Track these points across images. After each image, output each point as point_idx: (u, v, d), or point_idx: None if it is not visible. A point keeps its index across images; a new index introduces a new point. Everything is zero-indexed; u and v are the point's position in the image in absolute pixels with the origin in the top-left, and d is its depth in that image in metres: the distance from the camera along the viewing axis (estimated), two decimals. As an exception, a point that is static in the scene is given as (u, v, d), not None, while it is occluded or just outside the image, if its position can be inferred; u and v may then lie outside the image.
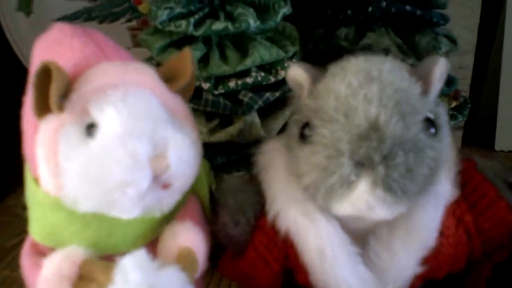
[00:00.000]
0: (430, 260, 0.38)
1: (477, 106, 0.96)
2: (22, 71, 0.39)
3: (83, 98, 0.34)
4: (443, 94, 0.62)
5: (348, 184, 0.33)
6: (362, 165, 0.33)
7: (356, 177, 0.33)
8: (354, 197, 0.34)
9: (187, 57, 0.37)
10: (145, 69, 0.37)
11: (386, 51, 0.59)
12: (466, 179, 0.40)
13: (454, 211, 0.39)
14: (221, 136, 0.53)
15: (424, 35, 0.62)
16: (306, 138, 0.36)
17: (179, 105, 0.37)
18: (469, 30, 0.95)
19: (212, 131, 0.54)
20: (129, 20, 0.90)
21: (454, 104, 0.64)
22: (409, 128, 0.33)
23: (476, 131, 0.89)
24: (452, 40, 0.65)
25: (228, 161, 0.53)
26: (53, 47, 0.37)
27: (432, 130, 0.36)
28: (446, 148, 0.37)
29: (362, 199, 0.33)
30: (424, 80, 0.37)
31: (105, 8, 0.90)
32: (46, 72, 0.33)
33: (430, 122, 0.36)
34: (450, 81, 0.63)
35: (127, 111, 0.33)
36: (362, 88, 0.34)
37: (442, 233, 0.38)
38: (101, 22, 0.91)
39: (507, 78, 0.87)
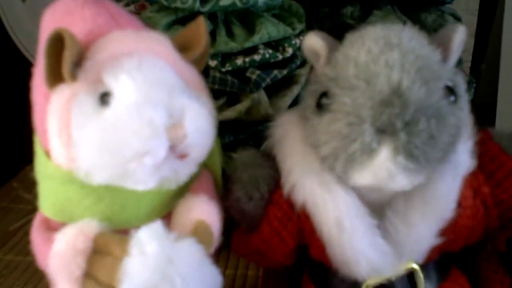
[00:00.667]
0: (447, 231, 0.38)
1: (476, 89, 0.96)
2: (17, 55, 0.38)
3: (96, 66, 0.33)
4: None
5: (369, 152, 0.33)
6: (384, 131, 0.32)
7: (377, 144, 0.32)
8: (375, 165, 0.33)
9: (202, 26, 0.37)
10: (160, 38, 0.36)
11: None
12: (483, 149, 0.40)
13: (471, 182, 0.39)
14: (229, 114, 0.53)
15: (430, 13, 0.62)
16: (324, 107, 0.35)
17: (194, 75, 0.37)
18: (469, 13, 0.95)
19: (219, 109, 0.53)
20: (127, 5, 0.89)
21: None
22: (432, 94, 0.33)
23: (475, 115, 0.89)
24: (458, 19, 0.65)
25: (236, 139, 0.53)
26: (64, 17, 0.36)
27: (452, 98, 0.35)
28: (465, 117, 0.37)
29: (384, 167, 0.33)
30: (443, 47, 0.36)
31: (103, -8, 0.89)
32: (58, 40, 0.32)
33: (450, 90, 0.35)
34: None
35: (142, 79, 0.32)
36: (383, 54, 0.34)
37: (460, 204, 0.38)
38: (98, 6, 0.90)
39: (507, 63, 0.87)
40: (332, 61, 0.36)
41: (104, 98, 0.33)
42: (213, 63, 0.52)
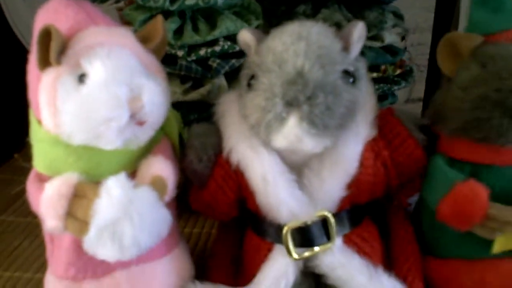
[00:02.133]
0: (352, 186, 0.48)
1: (437, 79, 1.05)
2: (19, 46, 0.47)
3: (76, 54, 0.43)
4: (388, 62, 0.72)
5: (281, 120, 0.43)
6: (291, 104, 0.42)
7: (286, 114, 0.42)
8: (286, 130, 0.43)
9: (159, 22, 0.47)
10: (126, 32, 0.46)
11: (337, 25, 0.69)
12: (384, 122, 0.50)
13: (373, 147, 0.49)
14: (193, 96, 0.63)
15: (372, 10, 0.71)
16: (251, 87, 0.45)
17: (153, 61, 0.47)
18: (427, 9, 1.04)
19: (185, 92, 0.63)
20: (117, 1, 0.98)
21: (398, 71, 0.73)
22: (328, 75, 0.43)
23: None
24: (399, 16, 0.75)
25: (199, 117, 0.63)
26: (52, 14, 0.46)
27: (351, 80, 0.45)
28: (362, 95, 0.47)
29: (292, 132, 0.43)
30: (346, 40, 0.46)
31: (95, -9, 0.99)
32: (47, 33, 0.42)
33: (349, 73, 0.45)
34: (394, 52, 0.73)
35: (111, 63, 0.43)
36: (293, 44, 0.44)
37: (361, 164, 0.48)
38: (92, 2, 0.99)
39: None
40: (259, 50, 0.47)
41: (82, 78, 0.43)
42: (180, 53, 0.63)
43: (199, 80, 0.65)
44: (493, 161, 0.47)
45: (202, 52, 0.63)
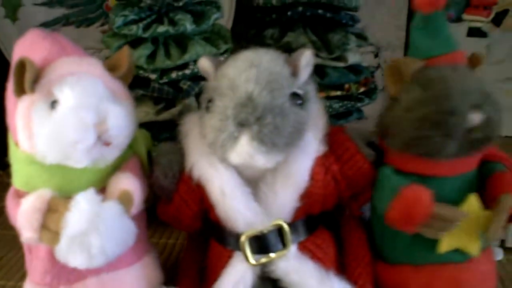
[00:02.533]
0: (304, 198, 0.52)
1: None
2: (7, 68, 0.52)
3: (48, 82, 0.48)
4: (352, 81, 0.77)
5: (234, 139, 0.48)
6: (242, 125, 0.47)
7: (238, 134, 0.47)
8: (238, 148, 0.48)
9: (125, 53, 0.52)
10: (94, 61, 0.51)
11: (302, 47, 0.73)
12: (334, 139, 0.55)
13: (323, 162, 0.53)
14: (165, 116, 0.68)
15: (336, 33, 0.76)
16: (209, 109, 0.50)
17: (119, 88, 0.52)
18: (399, 28, 1.10)
19: (158, 112, 0.68)
20: (102, 25, 1.04)
21: (362, 89, 0.78)
22: (276, 99, 0.47)
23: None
24: (363, 37, 0.80)
25: (171, 136, 0.68)
26: (29, 46, 0.51)
27: (299, 102, 0.50)
28: (311, 115, 0.51)
29: (244, 150, 0.48)
30: (294, 66, 0.51)
31: (81, 15, 1.04)
32: (22, 65, 0.47)
33: (297, 96, 0.50)
34: (358, 71, 0.78)
35: (79, 91, 0.47)
36: (245, 71, 0.48)
37: (312, 178, 0.52)
38: (78, 26, 1.05)
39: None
40: (216, 76, 0.52)
41: (53, 104, 0.47)
42: (153, 76, 0.68)
43: (171, 101, 0.70)
44: (433, 173, 0.51)
45: (173, 75, 0.68)
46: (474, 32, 0.76)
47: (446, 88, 0.48)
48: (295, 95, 0.50)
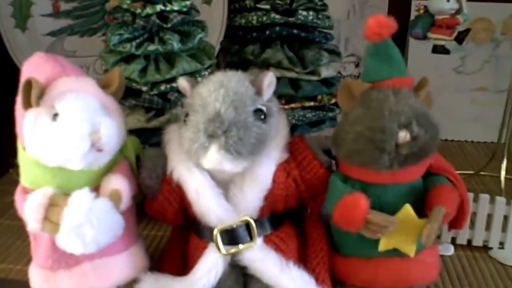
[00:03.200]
0: (269, 197, 0.61)
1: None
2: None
3: (51, 98, 0.57)
4: (324, 93, 0.85)
5: (204, 148, 0.56)
6: (212, 136, 0.56)
7: (208, 144, 0.56)
8: (209, 156, 0.56)
9: (116, 73, 0.61)
10: (89, 80, 0.60)
11: (279, 62, 0.82)
12: (295, 147, 0.63)
13: (285, 167, 0.62)
14: (155, 123, 0.77)
15: (311, 50, 0.84)
16: (186, 123, 0.59)
17: (111, 102, 0.61)
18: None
19: (148, 120, 0.77)
20: (104, 34, 1.13)
21: (334, 100, 0.87)
22: (240, 115, 0.56)
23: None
24: (336, 53, 0.88)
25: (159, 141, 0.76)
26: (35, 67, 0.59)
27: (262, 117, 0.59)
28: (273, 127, 0.60)
29: (214, 157, 0.56)
30: (258, 86, 0.60)
31: (85, 25, 1.12)
32: (29, 83, 0.56)
33: (261, 112, 0.59)
34: (331, 84, 0.86)
35: (77, 106, 0.56)
36: (215, 91, 0.57)
37: (274, 181, 0.61)
38: (82, 36, 1.13)
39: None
40: (192, 94, 0.61)
41: (55, 117, 0.56)
42: (144, 88, 0.77)
43: (160, 110, 0.79)
44: (374, 181, 0.59)
45: (162, 87, 0.77)
46: (439, 49, 0.84)
47: (380, 108, 0.55)
48: (258, 111, 0.58)
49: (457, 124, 1.17)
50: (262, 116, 0.59)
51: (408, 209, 0.58)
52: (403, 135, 0.54)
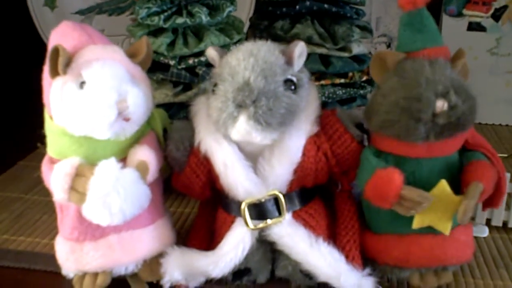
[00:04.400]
0: (298, 171, 0.60)
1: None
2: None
3: (78, 66, 0.56)
4: (355, 70, 0.83)
5: (233, 118, 0.55)
6: (240, 106, 0.54)
7: (237, 114, 0.55)
8: (237, 126, 0.55)
9: (144, 42, 0.60)
10: (117, 49, 0.59)
11: (309, 38, 0.80)
12: (326, 120, 0.62)
13: (315, 141, 0.61)
14: (183, 98, 0.76)
15: (342, 25, 0.82)
16: (214, 92, 0.58)
17: (138, 72, 0.60)
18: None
19: (176, 94, 0.76)
20: (132, 13, 1.13)
21: (365, 77, 0.85)
22: (270, 84, 0.54)
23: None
24: (368, 30, 0.86)
25: (187, 115, 0.75)
26: (62, 35, 0.59)
27: (292, 87, 0.57)
28: (304, 99, 0.59)
29: (242, 127, 0.55)
30: (289, 55, 0.58)
31: (113, 4, 1.13)
32: (56, 51, 0.55)
33: (291, 82, 0.57)
34: (362, 61, 0.84)
35: (104, 74, 0.55)
36: (244, 60, 0.56)
37: (304, 154, 0.59)
38: (110, 14, 1.13)
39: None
40: (220, 64, 0.59)
41: (82, 85, 0.55)
42: (172, 62, 0.76)
43: (188, 85, 0.78)
44: (408, 154, 0.57)
45: (190, 61, 0.76)
46: (474, 27, 0.81)
47: (416, 77, 0.53)
48: (288, 81, 0.57)
49: (491, 107, 1.13)
50: (293, 87, 0.57)
51: (444, 185, 0.56)
52: (441, 104, 0.52)
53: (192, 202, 0.82)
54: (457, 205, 0.55)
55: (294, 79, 0.57)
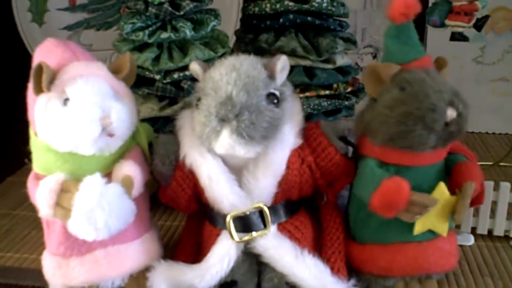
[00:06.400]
0: (282, 184, 0.60)
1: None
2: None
3: (62, 83, 0.56)
4: (340, 81, 0.84)
5: (216, 132, 0.56)
6: (224, 120, 0.55)
7: (220, 128, 0.55)
8: (221, 140, 0.56)
9: (126, 58, 0.61)
10: (100, 65, 0.60)
11: (293, 50, 0.81)
12: (310, 133, 0.62)
13: (299, 153, 0.61)
14: (168, 112, 0.76)
15: (325, 38, 0.82)
16: (198, 107, 0.59)
17: (122, 87, 0.60)
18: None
19: (162, 109, 0.77)
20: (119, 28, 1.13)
21: (350, 89, 0.85)
22: (252, 98, 0.55)
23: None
24: (351, 41, 0.87)
25: (173, 129, 0.76)
26: (45, 52, 0.59)
27: (275, 101, 0.58)
28: (287, 112, 0.59)
29: (225, 141, 0.56)
30: (271, 69, 0.59)
31: (101, 19, 1.13)
32: (40, 68, 0.56)
33: (274, 96, 0.58)
34: (346, 72, 0.85)
35: (87, 90, 0.56)
36: (227, 75, 0.56)
37: (288, 167, 0.60)
38: (98, 29, 1.14)
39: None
40: (204, 78, 0.60)
41: (66, 101, 0.56)
42: (157, 77, 0.76)
43: (173, 99, 0.78)
44: (413, 163, 0.58)
45: (175, 75, 0.76)
46: (457, 37, 0.83)
47: (424, 88, 0.54)
48: (271, 95, 0.58)
49: (477, 116, 1.14)
50: (275, 100, 0.58)
51: (442, 187, 0.58)
52: (451, 113, 0.54)
53: (180, 216, 0.83)
54: (453, 205, 0.58)
55: (277, 93, 0.58)
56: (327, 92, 0.83)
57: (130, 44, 0.77)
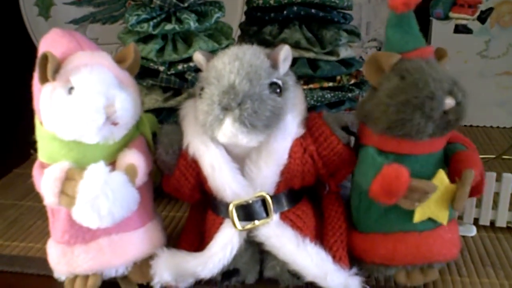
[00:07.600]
0: (285, 173, 0.61)
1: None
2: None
3: (67, 72, 0.57)
4: (344, 73, 0.84)
5: (219, 121, 0.56)
6: (226, 109, 0.56)
7: (223, 116, 0.56)
8: (223, 128, 0.56)
9: (131, 48, 0.61)
10: (105, 54, 0.60)
11: (297, 43, 0.82)
12: (312, 123, 0.63)
13: (301, 143, 0.61)
14: (172, 103, 0.77)
15: (329, 30, 0.83)
16: (201, 96, 0.59)
17: (126, 77, 0.61)
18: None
19: (166, 100, 0.77)
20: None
21: (353, 81, 0.86)
22: (255, 87, 0.56)
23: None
24: (355, 34, 0.87)
25: (177, 120, 0.77)
26: (51, 42, 0.60)
27: (278, 90, 0.58)
28: (289, 102, 0.60)
29: (228, 130, 0.56)
30: (274, 59, 0.59)
31: (107, 13, 1.14)
32: (45, 57, 0.56)
33: (276, 85, 0.59)
34: (350, 64, 0.85)
35: (92, 79, 0.56)
36: (229, 64, 0.57)
37: (290, 156, 0.60)
38: (103, 23, 1.15)
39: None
40: (207, 68, 0.60)
41: (70, 90, 0.56)
42: (161, 68, 0.77)
43: (177, 90, 0.79)
44: (411, 151, 0.58)
45: (180, 67, 0.77)
46: (461, 29, 0.83)
47: (423, 76, 0.54)
48: (273, 84, 0.58)
49: (481, 110, 1.15)
50: (278, 90, 0.58)
51: (442, 175, 0.58)
52: (449, 101, 0.54)
53: (184, 207, 0.84)
54: (452, 193, 0.58)
55: (280, 82, 0.58)
56: (331, 84, 0.83)
57: (135, 35, 0.78)
